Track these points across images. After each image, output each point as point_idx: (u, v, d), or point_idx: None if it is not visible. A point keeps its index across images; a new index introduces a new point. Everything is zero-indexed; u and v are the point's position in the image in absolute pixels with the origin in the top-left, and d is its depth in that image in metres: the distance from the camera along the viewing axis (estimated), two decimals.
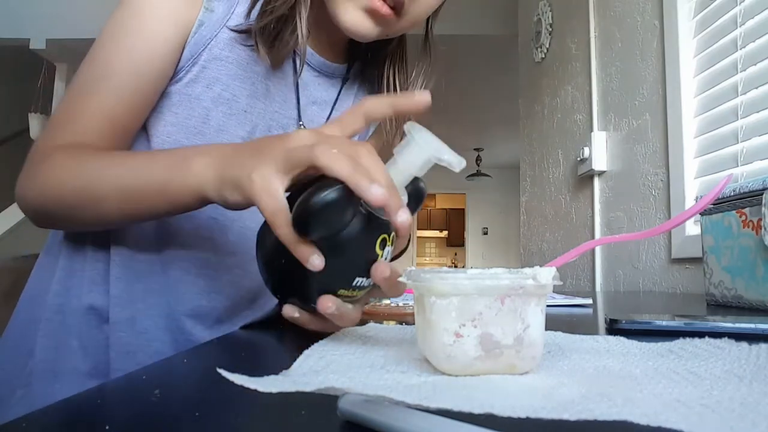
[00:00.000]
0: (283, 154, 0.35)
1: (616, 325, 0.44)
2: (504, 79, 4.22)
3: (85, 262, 0.56)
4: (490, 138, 6.45)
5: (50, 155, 0.50)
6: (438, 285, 0.28)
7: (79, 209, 0.48)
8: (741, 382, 0.25)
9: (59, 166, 0.48)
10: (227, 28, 0.55)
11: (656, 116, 1.38)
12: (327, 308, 0.36)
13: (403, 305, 0.65)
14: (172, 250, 0.57)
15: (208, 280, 0.58)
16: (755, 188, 0.70)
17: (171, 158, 0.44)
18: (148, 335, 0.55)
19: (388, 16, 0.52)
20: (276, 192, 0.34)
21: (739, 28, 1.11)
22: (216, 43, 0.55)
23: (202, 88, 0.55)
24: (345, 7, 0.53)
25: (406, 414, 0.18)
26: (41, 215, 0.52)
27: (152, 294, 0.56)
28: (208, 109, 0.55)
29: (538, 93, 2.23)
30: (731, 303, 0.76)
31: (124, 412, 0.23)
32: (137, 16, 0.53)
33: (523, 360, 0.28)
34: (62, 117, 0.52)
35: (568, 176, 1.93)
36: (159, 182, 0.43)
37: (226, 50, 0.56)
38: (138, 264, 0.55)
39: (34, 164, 0.51)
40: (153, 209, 0.46)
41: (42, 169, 0.50)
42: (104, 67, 0.52)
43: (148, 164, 0.45)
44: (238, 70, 0.56)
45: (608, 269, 1.63)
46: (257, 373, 0.25)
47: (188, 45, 0.54)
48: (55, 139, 0.51)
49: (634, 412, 0.20)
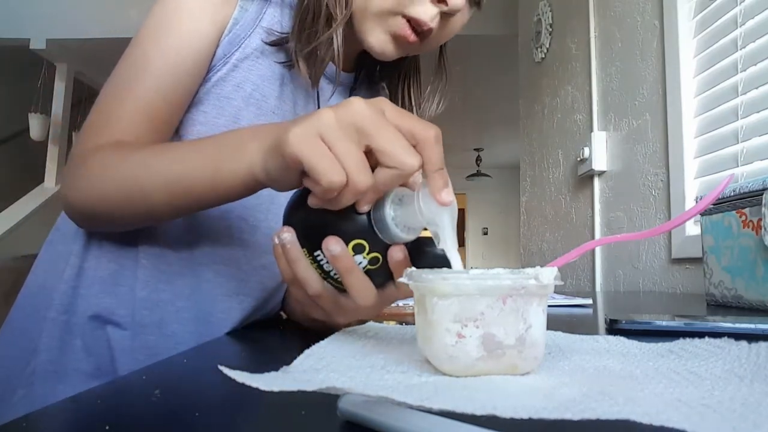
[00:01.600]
0: (331, 121, 0.33)
1: (616, 325, 0.44)
2: (504, 79, 4.22)
3: (98, 262, 0.55)
4: (490, 138, 6.45)
5: (91, 155, 0.49)
6: (440, 285, 0.27)
7: (126, 206, 0.48)
8: (742, 382, 0.25)
9: (102, 165, 0.48)
10: (261, 28, 0.56)
11: (656, 116, 1.38)
12: (329, 245, 0.35)
13: (403, 305, 0.65)
14: (202, 252, 0.56)
15: (238, 283, 0.58)
16: (755, 188, 0.70)
17: (219, 145, 0.44)
18: (176, 338, 0.55)
19: (413, 43, 0.55)
20: (318, 144, 0.33)
21: (739, 28, 1.11)
22: (249, 42, 0.55)
23: (232, 87, 0.55)
24: (374, 30, 0.55)
25: (406, 414, 0.18)
26: (88, 218, 0.52)
27: (181, 297, 0.56)
28: (238, 109, 0.55)
29: (538, 93, 2.23)
30: (731, 303, 0.76)
31: (124, 412, 0.23)
32: (174, 13, 0.53)
33: (525, 360, 0.28)
34: (100, 117, 0.52)
35: (568, 176, 1.93)
36: (209, 170, 0.43)
37: (257, 50, 0.56)
38: (167, 266, 0.55)
39: (76, 168, 0.50)
40: (202, 199, 0.45)
41: (84, 171, 0.49)
42: (142, 64, 0.52)
43: (195, 153, 0.45)
44: (267, 71, 0.57)
45: (608, 269, 1.63)
46: (257, 372, 0.25)
47: (222, 44, 0.54)
48: (94, 139, 0.51)
49: (635, 411, 0.20)
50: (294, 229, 0.37)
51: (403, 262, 0.36)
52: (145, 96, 0.51)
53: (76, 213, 0.52)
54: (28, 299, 0.58)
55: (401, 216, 0.35)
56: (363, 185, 0.33)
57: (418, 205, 0.33)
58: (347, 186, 0.33)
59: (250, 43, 0.55)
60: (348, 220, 0.35)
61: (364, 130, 0.33)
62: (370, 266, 0.37)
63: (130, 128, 0.51)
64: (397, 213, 0.35)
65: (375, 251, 0.36)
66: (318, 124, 0.33)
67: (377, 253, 0.36)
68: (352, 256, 0.36)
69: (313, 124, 0.34)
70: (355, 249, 0.36)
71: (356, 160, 0.33)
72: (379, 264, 0.37)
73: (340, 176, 0.32)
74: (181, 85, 0.53)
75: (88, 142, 0.51)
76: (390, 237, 0.35)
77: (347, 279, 0.36)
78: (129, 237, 0.55)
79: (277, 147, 0.35)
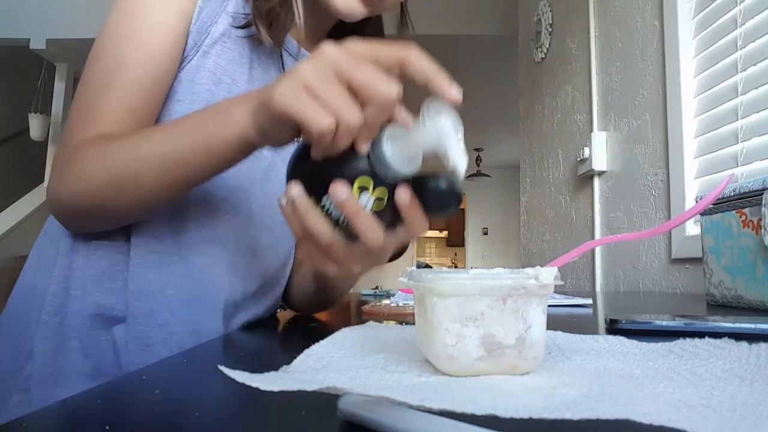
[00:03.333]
0: (311, 70, 0.35)
1: (616, 325, 0.44)
2: (504, 79, 4.22)
3: (87, 261, 0.55)
4: (490, 138, 6.45)
5: (76, 151, 0.49)
6: (440, 285, 0.27)
7: (118, 196, 0.48)
8: (742, 383, 0.25)
9: (89, 158, 0.48)
10: (227, 13, 0.57)
11: (656, 116, 1.38)
12: (335, 190, 0.35)
13: (403, 305, 0.65)
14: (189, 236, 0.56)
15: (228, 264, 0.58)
16: (755, 188, 0.70)
17: (205, 117, 0.44)
18: (168, 327, 0.55)
19: None
20: (306, 99, 0.34)
21: (739, 28, 1.11)
22: (216, 28, 0.57)
23: (203, 74, 0.56)
24: None
25: (406, 414, 0.18)
26: (79, 216, 0.52)
27: (170, 285, 0.55)
28: (211, 93, 0.56)
29: (538, 93, 2.23)
30: (731, 303, 0.76)
31: (124, 412, 0.23)
32: (140, 8, 0.53)
33: (524, 360, 0.28)
34: (80, 116, 0.52)
35: (568, 176, 1.93)
36: (200, 141, 0.43)
37: (224, 36, 0.57)
38: (153, 255, 0.55)
39: (62, 166, 0.50)
40: (198, 171, 0.46)
41: (71, 168, 0.49)
42: (116, 60, 0.53)
43: (183, 128, 0.45)
44: (235, 55, 0.58)
45: (608, 269, 1.63)
46: (257, 372, 0.25)
47: (191, 33, 0.55)
48: (78, 136, 0.51)
49: (636, 411, 0.20)
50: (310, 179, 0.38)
51: (409, 202, 0.37)
52: (124, 92, 0.52)
53: (65, 212, 0.52)
54: (18, 303, 0.58)
55: (398, 148, 0.36)
56: (353, 122, 0.34)
57: (424, 124, 0.34)
58: (339, 127, 0.34)
59: (217, 28, 0.56)
60: (348, 162, 0.36)
61: (340, 70, 0.34)
62: (377, 208, 0.38)
63: (111, 124, 0.51)
64: (394, 146, 0.36)
65: (379, 187, 0.37)
66: (298, 76, 0.35)
67: (382, 188, 0.37)
68: (358, 196, 0.37)
69: (295, 77, 0.35)
70: (360, 189, 0.37)
71: (340, 100, 0.34)
72: (385, 205, 0.38)
73: (329, 120, 0.33)
74: (157, 77, 0.53)
75: (72, 141, 0.51)
76: (392, 171, 0.36)
77: (355, 221, 0.37)
78: (118, 231, 0.55)
79: (266, 106, 0.37)
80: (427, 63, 0.35)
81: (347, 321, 0.58)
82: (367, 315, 0.60)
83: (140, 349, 0.53)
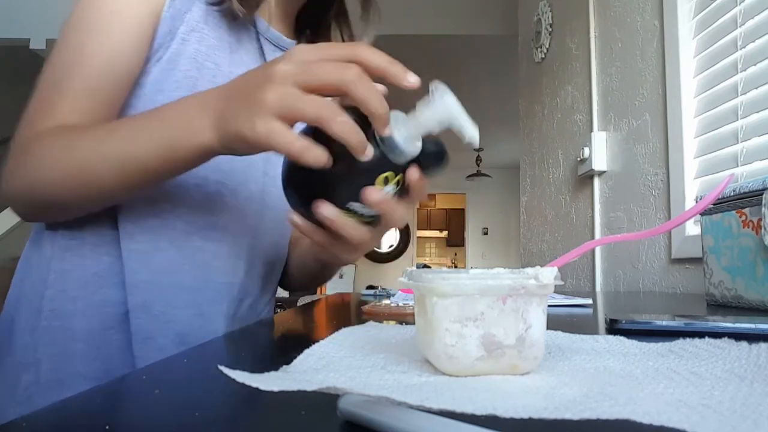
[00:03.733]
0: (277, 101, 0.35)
1: (616, 325, 0.44)
2: (504, 79, 4.22)
3: (84, 259, 0.54)
4: (490, 138, 6.44)
5: (32, 142, 0.48)
6: (440, 285, 0.27)
7: (76, 191, 0.47)
8: (742, 383, 0.25)
9: (47, 150, 0.47)
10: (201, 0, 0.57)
11: (656, 116, 1.38)
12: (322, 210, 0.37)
13: (403, 305, 0.65)
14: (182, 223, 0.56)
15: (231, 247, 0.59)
16: (755, 188, 0.70)
17: (167, 120, 0.44)
18: (165, 317, 0.54)
19: None
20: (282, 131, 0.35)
21: (739, 28, 1.11)
22: (192, 15, 0.56)
23: (185, 60, 0.56)
24: None
25: (406, 414, 0.18)
26: (32, 207, 0.51)
27: (163, 274, 0.55)
28: (195, 79, 0.56)
29: (538, 93, 2.23)
30: (731, 303, 0.76)
31: (124, 412, 0.23)
32: None
33: (525, 360, 0.28)
34: (41, 104, 0.51)
35: (568, 176, 1.93)
36: (162, 149, 0.43)
37: (201, 22, 0.57)
38: (140, 245, 0.54)
39: (18, 155, 0.49)
40: (158, 176, 0.45)
41: (27, 158, 0.48)
42: (79, 49, 0.52)
43: (144, 132, 0.45)
44: (214, 41, 0.58)
45: (608, 269, 1.63)
46: (257, 372, 0.25)
47: (164, 21, 0.55)
48: (35, 126, 0.50)
49: (636, 411, 0.20)
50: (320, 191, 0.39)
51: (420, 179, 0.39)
52: (86, 79, 0.51)
53: (19, 204, 0.51)
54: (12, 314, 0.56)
55: (403, 132, 0.37)
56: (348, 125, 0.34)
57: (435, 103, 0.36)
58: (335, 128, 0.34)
59: (192, 15, 0.56)
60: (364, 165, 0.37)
61: (300, 83, 0.35)
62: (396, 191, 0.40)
63: (73, 111, 0.50)
64: (401, 131, 0.37)
65: (397, 174, 0.39)
66: (264, 107, 0.35)
67: (398, 174, 0.39)
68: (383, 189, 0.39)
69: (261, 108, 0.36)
70: (384, 182, 0.39)
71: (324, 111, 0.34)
72: (400, 185, 0.40)
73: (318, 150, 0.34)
74: (120, 65, 0.53)
75: (28, 131, 0.50)
76: (404, 157, 0.38)
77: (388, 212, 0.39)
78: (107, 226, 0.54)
79: (240, 137, 0.37)
80: (378, 56, 0.36)
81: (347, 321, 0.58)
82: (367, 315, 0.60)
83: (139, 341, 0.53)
